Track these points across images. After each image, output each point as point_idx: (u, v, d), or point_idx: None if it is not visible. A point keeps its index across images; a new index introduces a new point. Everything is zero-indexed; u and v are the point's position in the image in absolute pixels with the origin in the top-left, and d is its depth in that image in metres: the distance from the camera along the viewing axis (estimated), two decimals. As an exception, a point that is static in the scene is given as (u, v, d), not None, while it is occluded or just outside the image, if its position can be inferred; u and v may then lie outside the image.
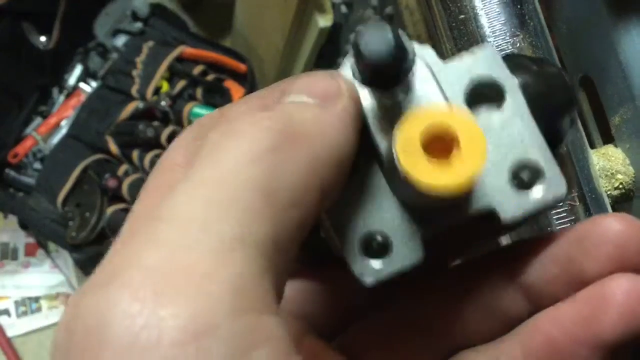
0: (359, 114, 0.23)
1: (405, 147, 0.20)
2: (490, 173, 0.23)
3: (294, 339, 0.26)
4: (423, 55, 0.24)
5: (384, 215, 0.24)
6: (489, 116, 0.24)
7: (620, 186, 0.35)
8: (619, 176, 0.36)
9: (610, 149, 0.37)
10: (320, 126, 0.21)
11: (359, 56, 0.21)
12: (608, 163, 0.36)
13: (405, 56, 0.22)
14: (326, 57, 1.00)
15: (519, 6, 0.35)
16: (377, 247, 0.24)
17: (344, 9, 0.92)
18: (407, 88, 0.23)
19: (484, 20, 0.35)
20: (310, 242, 0.25)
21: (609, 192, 0.36)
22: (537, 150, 0.23)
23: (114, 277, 0.17)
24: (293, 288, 0.27)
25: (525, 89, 0.24)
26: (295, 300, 0.27)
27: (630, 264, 0.23)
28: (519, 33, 0.35)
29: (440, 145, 0.20)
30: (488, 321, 0.26)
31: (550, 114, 0.24)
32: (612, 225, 0.23)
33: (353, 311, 0.27)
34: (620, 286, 0.22)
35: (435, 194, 0.20)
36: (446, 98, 0.23)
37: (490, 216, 0.24)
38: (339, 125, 0.22)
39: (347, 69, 0.24)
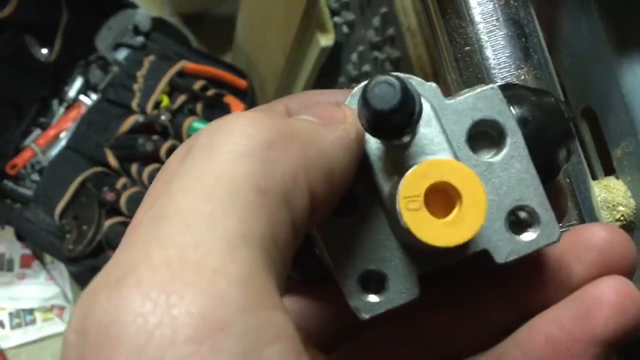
0: (359, 144, 0.23)
1: (409, 205, 0.21)
2: (487, 216, 0.24)
3: None
4: (428, 95, 0.24)
5: (382, 253, 0.24)
6: (489, 156, 0.25)
7: (622, 218, 0.36)
8: (621, 208, 0.36)
9: (612, 180, 0.37)
10: (316, 135, 0.22)
11: (367, 109, 0.22)
12: (610, 195, 0.36)
13: (413, 110, 0.22)
14: (327, 75, 1.00)
15: (523, 39, 0.35)
16: (374, 284, 0.24)
17: (345, 29, 0.93)
18: (412, 132, 0.24)
19: (489, 53, 0.35)
20: (306, 263, 0.26)
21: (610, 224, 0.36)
22: (534, 196, 0.24)
23: (124, 276, 0.17)
24: (292, 302, 0.27)
25: (523, 120, 0.25)
26: (295, 313, 0.27)
27: (614, 267, 0.24)
28: (523, 66, 0.35)
29: (442, 194, 0.21)
30: (481, 328, 0.26)
31: (547, 146, 0.25)
32: (597, 232, 0.25)
33: (351, 324, 0.28)
34: (611, 286, 0.24)
35: (437, 249, 0.21)
36: (449, 142, 0.24)
37: (484, 254, 0.24)
38: (336, 142, 0.22)
39: (353, 105, 0.24)
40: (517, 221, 0.25)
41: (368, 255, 0.24)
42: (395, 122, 0.22)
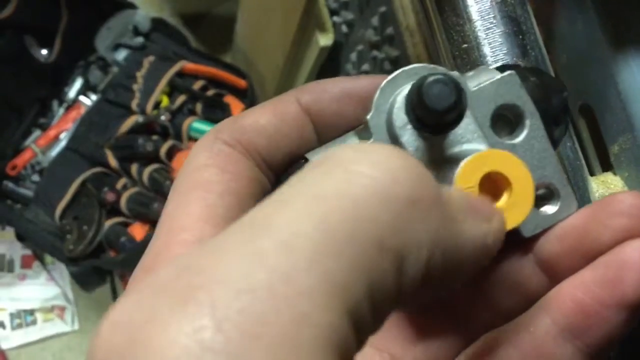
0: (494, 250, 0.22)
1: None
2: None
3: None
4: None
5: None
6: (510, 138, 0.26)
7: (619, 214, 0.36)
8: (618, 204, 0.36)
9: (609, 176, 0.37)
10: (456, 221, 0.20)
11: (421, 108, 0.23)
12: (607, 191, 0.36)
13: (464, 107, 0.23)
14: (326, 75, 1.01)
15: (520, 37, 0.36)
16: None
17: (344, 28, 0.93)
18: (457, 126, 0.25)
19: (486, 50, 0.36)
20: None
21: (607, 220, 0.36)
22: (553, 172, 0.26)
23: (192, 290, 0.15)
24: None
25: None
26: None
27: None
28: (520, 63, 0.36)
29: (489, 182, 0.23)
30: (511, 298, 0.27)
31: (549, 121, 0.27)
32: (627, 199, 0.24)
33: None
34: (638, 249, 0.23)
35: None
36: (481, 129, 0.25)
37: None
38: (472, 240, 0.21)
39: (380, 100, 0.25)
40: (539, 201, 0.26)
41: None
42: (448, 120, 0.23)
